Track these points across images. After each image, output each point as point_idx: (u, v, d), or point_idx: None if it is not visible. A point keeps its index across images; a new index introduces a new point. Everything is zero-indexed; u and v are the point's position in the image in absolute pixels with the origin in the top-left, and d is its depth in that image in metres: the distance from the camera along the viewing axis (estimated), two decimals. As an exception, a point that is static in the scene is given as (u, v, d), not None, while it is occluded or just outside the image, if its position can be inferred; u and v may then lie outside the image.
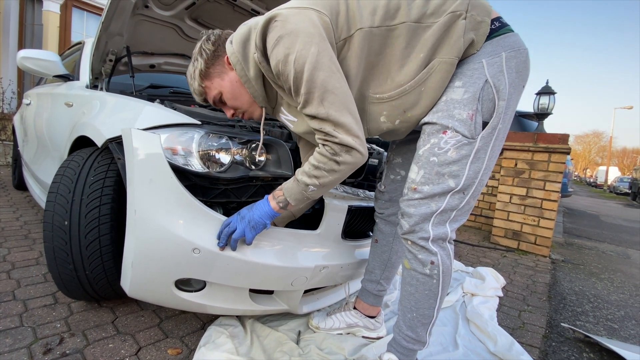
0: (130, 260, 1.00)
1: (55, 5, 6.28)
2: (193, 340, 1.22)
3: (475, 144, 0.88)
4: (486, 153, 0.90)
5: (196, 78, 1.00)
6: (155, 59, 1.89)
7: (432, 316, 1.01)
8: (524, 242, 3.22)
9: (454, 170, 0.89)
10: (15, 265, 1.65)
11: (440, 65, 0.86)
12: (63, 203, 1.15)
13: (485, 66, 0.85)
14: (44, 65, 1.93)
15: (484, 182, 0.94)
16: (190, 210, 0.98)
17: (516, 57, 0.86)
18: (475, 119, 0.86)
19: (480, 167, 0.91)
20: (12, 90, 6.29)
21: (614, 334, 1.69)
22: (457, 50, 0.85)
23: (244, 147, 1.12)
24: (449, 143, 0.88)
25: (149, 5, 1.58)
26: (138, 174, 0.97)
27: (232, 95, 0.99)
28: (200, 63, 0.98)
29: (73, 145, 1.48)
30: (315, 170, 0.90)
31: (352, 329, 1.34)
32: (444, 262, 0.96)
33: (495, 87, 0.85)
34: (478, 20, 0.86)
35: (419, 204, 0.93)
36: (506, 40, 0.87)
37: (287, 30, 0.78)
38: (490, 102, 0.86)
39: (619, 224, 6.65)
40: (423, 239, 0.94)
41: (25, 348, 1.07)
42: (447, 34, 0.85)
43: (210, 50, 0.97)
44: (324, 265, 1.19)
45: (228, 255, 0.99)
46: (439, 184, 0.90)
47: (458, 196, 0.92)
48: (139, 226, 0.97)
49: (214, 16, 1.79)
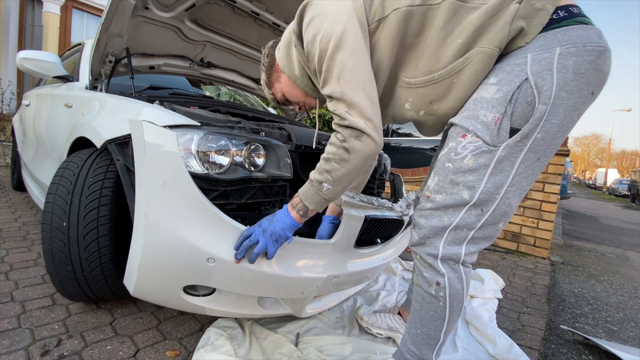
0: (136, 263, 0.98)
1: (56, 7, 6.29)
2: (191, 342, 1.21)
3: (496, 152, 0.76)
4: (513, 166, 0.76)
5: (265, 88, 1.10)
6: (155, 61, 1.89)
7: (438, 339, 0.92)
8: (523, 244, 3.22)
9: (469, 180, 0.79)
10: (14, 267, 1.65)
11: (477, 55, 0.75)
12: (61, 204, 1.15)
13: (528, 61, 0.72)
14: (43, 67, 1.93)
15: (513, 202, 0.80)
16: (206, 218, 0.94)
17: (578, 55, 0.69)
18: (501, 124, 0.74)
19: (502, 182, 0.78)
20: (11, 91, 6.29)
21: (613, 336, 1.69)
22: (500, 40, 0.73)
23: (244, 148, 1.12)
24: (466, 149, 0.78)
25: (149, 7, 1.58)
26: (150, 174, 0.93)
27: (290, 93, 1.05)
28: (263, 75, 1.07)
29: (72, 146, 1.48)
30: (325, 164, 0.87)
31: (393, 333, 1.33)
32: (452, 285, 0.85)
33: (537, 88, 0.71)
34: (537, 7, 0.72)
35: (431, 215, 0.85)
36: (569, 33, 0.71)
37: (319, 12, 0.80)
38: (528, 105, 0.73)
39: (618, 226, 6.66)
40: (431, 256, 0.86)
41: (23, 350, 1.07)
42: (493, 19, 0.73)
43: (266, 62, 1.05)
44: (336, 274, 1.18)
45: (243, 266, 0.96)
46: (451, 194, 0.81)
47: (475, 212, 0.80)
48: (149, 231, 0.94)
49: (213, 18, 1.80)
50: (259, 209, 1.23)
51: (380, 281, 1.93)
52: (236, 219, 1.04)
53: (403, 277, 2.03)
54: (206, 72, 2.11)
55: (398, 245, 1.61)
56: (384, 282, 1.92)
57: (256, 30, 1.92)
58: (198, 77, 2.16)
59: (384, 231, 1.49)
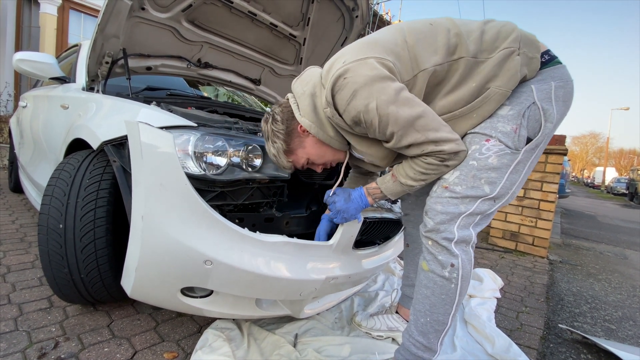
0: (134, 265, 0.97)
1: (53, 8, 6.26)
2: (189, 344, 1.21)
3: (518, 155, 0.91)
4: (525, 167, 0.94)
5: (282, 157, 1.05)
6: (151, 61, 1.88)
7: (447, 323, 0.98)
8: (521, 243, 3.22)
9: (492, 176, 0.91)
10: (11, 269, 1.64)
11: (496, 95, 0.90)
12: (58, 206, 1.14)
13: (534, 91, 0.90)
14: (40, 68, 1.92)
15: (515, 194, 0.97)
16: (204, 221, 0.94)
17: (564, 88, 0.92)
18: (520, 132, 0.90)
19: (516, 179, 0.94)
20: (8, 93, 6.27)
21: (611, 335, 1.69)
22: (514, 83, 0.90)
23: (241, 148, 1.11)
24: (491, 150, 0.91)
25: (146, 8, 1.57)
26: (147, 176, 0.93)
27: (318, 155, 1.06)
28: (280, 144, 1.03)
29: (69, 147, 1.47)
30: (423, 175, 0.95)
31: (393, 333, 1.34)
32: (464, 266, 0.94)
33: (543, 110, 0.90)
34: (530, 56, 0.91)
35: (448, 203, 0.93)
36: (555, 71, 0.92)
37: (360, 83, 0.83)
38: (536, 122, 0.90)
39: (616, 224, 6.67)
40: (447, 240, 0.93)
41: (20, 352, 1.06)
42: (501, 67, 0.89)
43: (282, 130, 1.02)
44: (334, 276, 1.18)
45: (241, 268, 0.96)
46: (473, 187, 0.92)
47: (489, 203, 0.94)
48: (146, 234, 0.93)
49: (210, 18, 1.79)
50: (256, 210, 1.22)
51: (379, 281, 1.93)
52: (233, 220, 1.04)
53: (401, 276, 2.03)
54: (203, 73, 2.10)
55: (396, 246, 1.60)
56: (383, 282, 1.92)
57: (253, 31, 1.92)
58: (195, 77, 2.15)
59: (382, 232, 1.49)
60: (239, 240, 0.99)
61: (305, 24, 1.94)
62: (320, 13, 1.88)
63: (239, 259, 0.97)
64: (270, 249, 1.04)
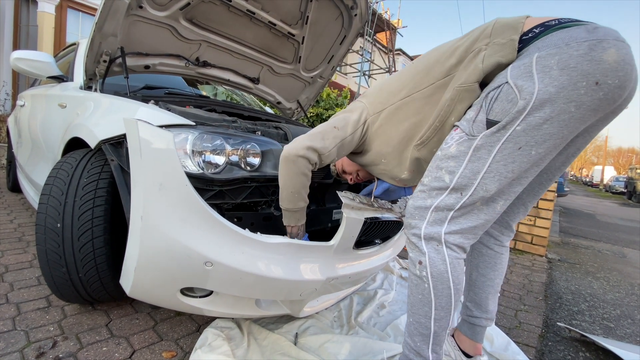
0: (133, 265, 0.97)
1: (51, 6, 6.24)
2: (188, 343, 1.21)
3: (474, 141, 0.84)
4: (490, 154, 0.82)
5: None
6: (149, 60, 1.87)
7: (429, 328, 0.91)
8: (520, 241, 3.23)
9: (451, 165, 0.87)
10: (9, 268, 1.64)
11: (460, 94, 0.89)
12: (55, 205, 1.14)
13: (508, 71, 0.81)
14: (37, 67, 1.91)
15: (490, 188, 0.84)
16: (204, 222, 0.93)
17: (561, 53, 0.74)
18: (477, 117, 0.84)
19: (479, 168, 0.84)
20: (6, 92, 6.25)
21: (610, 333, 1.70)
22: (476, 76, 0.86)
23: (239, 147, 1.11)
24: (453, 139, 0.88)
25: (143, 6, 1.57)
26: (145, 176, 0.92)
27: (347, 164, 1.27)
28: None
29: (67, 146, 1.47)
30: None
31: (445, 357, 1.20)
32: (433, 264, 0.88)
33: (517, 87, 0.78)
34: (502, 42, 0.84)
35: (418, 197, 0.92)
36: (548, 39, 0.78)
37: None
38: (509, 102, 0.79)
39: (614, 223, 6.69)
40: (415, 236, 0.91)
41: (18, 352, 1.06)
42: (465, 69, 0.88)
43: None
44: (335, 276, 1.18)
45: (242, 270, 0.96)
46: (436, 178, 0.89)
47: (454, 195, 0.87)
48: (145, 234, 0.93)
49: (209, 17, 1.78)
50: (255, 208, 1.22)
51: (378, 280, 1.93)
52: (232, 219, 1.04)
53: (401, 275, 2.03)
54: (202, 72, 2.09)
55: (396, 245, 1.60)
56: (382, 281, 1.92)
57: (252, 29, 1.91)
58: (194, 76, 2.14)
59: (383, 232, 1.49)
60: (240, 241, 0.99)
61: (303, 23, 1.93)
62: (318, 11, 1.88)
63: (239, 260, 0.97)
64: (271, 250, 1.04)
